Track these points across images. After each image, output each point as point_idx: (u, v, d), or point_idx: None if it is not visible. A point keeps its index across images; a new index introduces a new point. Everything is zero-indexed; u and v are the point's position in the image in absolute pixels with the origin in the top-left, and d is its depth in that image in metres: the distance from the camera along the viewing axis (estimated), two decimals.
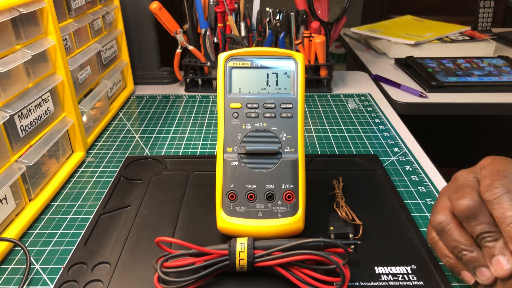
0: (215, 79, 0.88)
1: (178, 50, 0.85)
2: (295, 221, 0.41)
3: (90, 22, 0.68)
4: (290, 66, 0.43)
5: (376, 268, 0.40)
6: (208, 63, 0.84)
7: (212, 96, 0.85)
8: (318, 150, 0.63)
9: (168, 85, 0.92)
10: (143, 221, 0.47)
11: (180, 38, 0.83)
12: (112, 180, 0.55)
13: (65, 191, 0.54)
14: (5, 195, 0.44)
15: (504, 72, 0.94)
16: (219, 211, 0.42)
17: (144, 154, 0.62)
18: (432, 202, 0.50)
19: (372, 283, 0.38)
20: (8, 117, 0.45)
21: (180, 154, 0.63)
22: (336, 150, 0.63)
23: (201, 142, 0.66)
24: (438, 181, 0.55)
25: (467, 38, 1.12)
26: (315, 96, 0.84)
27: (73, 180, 0.56)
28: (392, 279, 0.39)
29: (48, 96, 0.54)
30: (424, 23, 1.26)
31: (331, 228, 0.44)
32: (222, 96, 0.43)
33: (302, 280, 0.36)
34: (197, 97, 0.84)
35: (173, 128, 0.71)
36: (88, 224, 0.47)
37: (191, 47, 0.84)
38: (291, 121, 0.42)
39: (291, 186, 0.41)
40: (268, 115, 0.42)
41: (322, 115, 0.75)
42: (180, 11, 0.84)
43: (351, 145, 0.64)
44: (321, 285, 0.36)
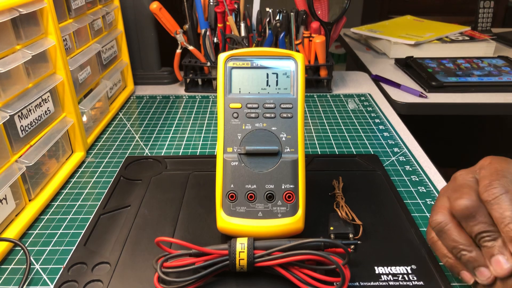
0: (215, 79, 0.88)
1: (178, 50, 0.85)
2: (295, 221, 0.41)
3: (90, 22, 0.68)
4: (290, 66, 0.43)
5: (376, 268, 0.40)
6: (208, 63, 0.84)
7: (212, 96, 0.85)
8: (318, 150, 0.63)
9: (168, 85, 0.92)
10: (143, 221, 0.47)
11: (180, 38, 0.83)
12: (112, 180, 0.55)
13: (65, 191, 0.54)
14: (5, 195, 0.44)
15: (504, 72, 0.94)
16: (219, 211, 0.42)
17: (144, 154, 0.63)
18: (432, 202, 0.50)
19: (372, 283, 0.38)
20: (8, 117, 0.45)
21: (180, 154, 0.63)
22: (336, 150, 0.63)
23: (201, 142, 0.66)
24: (438, 181, 0.55)
25: (467, 38, 1.12)
26: (315, 96, 0.84)
27: (73, 180, 0.56)
28: (392, 279, 0.39)
29: (48, 96, 0.54)
30: (424, 23, 1.26)
31: (331, 228, 0.44)
32: (222, 96, 0.43)
33: (302, 280, 0.36)
34: (197, 97, 0.84)
35: (173, 128, 0.71)
36: (88, 224, 0.47)
37: (191, 47, 0.84)
38: (291, 121, 0.42)
39: (291, 186, 0.41)
40: (268, 115, 0.42)
41: (322, 115, 0.75)
42: (180, 11, 0.84)
43: (351, 145, 0.64)
44: (321, 285, 0.36)
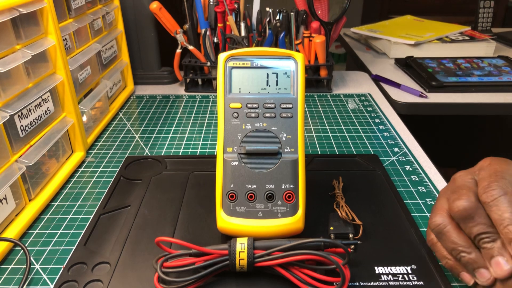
0: (215, 79, 0.88)
1: (178, 50, 0.85)
2: (295, 221, 0.41)
3: (90, 22, 0.68)
4: (290, 66, 0.43)
5: (376, 268, 0.40)
6: (208, 63, 0.84)
7: (212, 96, 0.85)
8: (318, 150, 0.63)
9: (168, 85, 0.92)
10: (143, 221, 0.47)
11: (180, 38, 0.83)
12: (112, 180, 0.55)
13: (65, 191, 0.54)
14: (5, 195, 0.44)
15: (504, 72, 0.94)
16: (219, 211, 0.42)
17: (144, 154, 0.62)
18: (432, 202, 0.50)
19: (372, 283, 0.38)
20: (8, 117, 0.45)
21: (180, 154, 0.63)
22: (336, 150, 0.63)
23: (201, 142, 0.66)
24: (438, 181, 0.55)
25: (467, 38, 1.12)
26: (315, 96, 0.84)
27: (73, 180, 0.56)
28: (392, 279, 0.39)
29: (48, 96, 0.54)
30: (424, 23, 1.26)
31: (331, 228, 0.44)
32: (222, 96, 0.43)
33: (302, 280, 0.36)
34: (197, 97, 0.84)
35: (173, 128, 0.71)
36: (88, 224, 0.47)
37: (191, 47, 0.84)
38: (291, 121, 0.42)
39: (291, 186, 0.41)
40: (268, 115, 0.42)
41: (322, 115, 0.75)
42: (180, 11, 0.84)
43: (351, 145, 0.64)
44: (321, 285, 0.36)
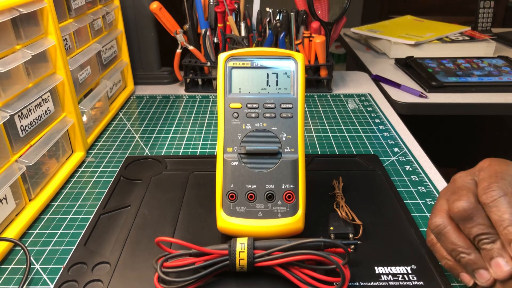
0: (215, 79, 0.88)
1: (178, 50, 0.85)
2: (295, 221, 0.41)
3: (90, 22, 0.68)
4: (290, 66, 0.43)
5: (376, 268, 0.40)
6: (208, 63, 0.84)
7: (212, 96, 0.85)
8: (318, 150, 0.63)
9: (168, 85, 0.92)
10: (143, 221, 0.47)
11: (180, 38, 0.83)
12: (112, 180, 0.55)
13: (65, 191, 0.54)
14: (5, 195, 0.44)
15: (504, 72, 0.94)
16: (219, 211, 0.42)
17: (144, 154, 0.63)
18: (432, 202, 0.50)
19: (372, 283, 0.38)
20: (8, 117, 0.45)
21: (180, 154, 0.63)
22: (336, 150, 0.63)
23: (201, 142, 0.66)
24: (438, 181, 0.55)
25: (467, 38, 1.12)
26: (315, 96, 0.84)
27: (73, 180, 0.56)
28: (392, 279, 0.39)
29: (48, 96, 0.54)
30: (424, 23, 1.26)
31: (331, 228, 0.44)
32: (222, 96, 0.43)
33: (302, 280, 0.36)
34: (197, 97, 0.84)
35: (173, 128, 0.71)
36: (88, 224, 0.47)
37: (191, 47, 0.84)
38: (291, 121, 0.42)
39: (291, 186, 0.41)
40: (268, 115, 0.42)
41: (322, 115, 0.75)
42: (180, 11, 0.84)
43: (351, 145, 0.64)
44: (321, 285, 0.36)
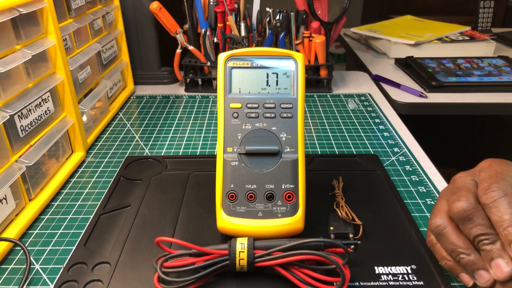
0: (215, 79, 0.88)
1: (178, 50, 0.85)
2: (295, 221, 0.41)
3: (90, 22, 0.68)
4: (290, 66, 0.43)
5: (376, 268, 0.40)
6: (208, 63, 0.84)
7: (212, 96, 0.85)
8: (318, 150, 0.63)
9: (168, 85, 0.92)
10: (143, 221, 0.47)
11: (180, 38, 0.83)
12: (112, 180, 0.55)
13: (65, 191, 0.54)
14: (5, 195, 0.44)
15: (504, 72, 0.94)
16: (219, 211, 0.42)
17: (144, 154, 0.62)
18: (432, 202, 0.50)
19: (372, 283, 0.38)
20: (8, 117, 0.45)
21: (180, 154, 0.63)
22: (336, 150, 0.63)
23: (201, 142, 0.66)
24: (438, 181, 0.55)
25: (467, 38, 1.12)
26: (315, 96, 0.84)
27: (73, 180, 0.56)
28: (392, 279, 0.39)
29: (48, 96, 0.54)
30: (424, 23, 1.26)
31: (331, 228, 0.44)
32: (222, 96, 0.43)
33: (302, 280, 0.36)
34: (197, 97, 0.84)
35: (173, 128, 0.71)
36: (88, 224, 0.47)
37: (191, 47, 0.84)
38: (291, 121, 0.42)
39: (291, 186, 0.41)
40: (268, 115, 0.42)
41: (322, 115, 0.75)
42: (180, 11, 0.84)
43: (351, 145, 0.64)
44: (321, 285, 0.36)
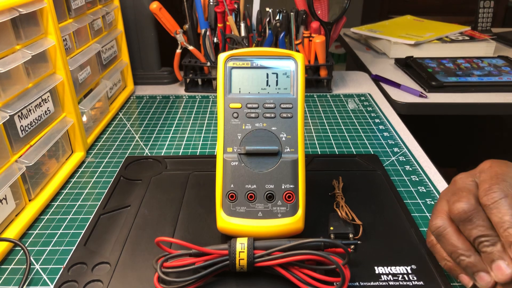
0: (215, 79, 0.88)
1: (178, 50, 0.85)
2: (295, 221, 0.41)
3: (90, 22, 0.68)
4: (290, 66, 0.43)
5: (376, 268, 0.40)
6: (208, 63, 0.84)
7: (212, 96, 0.85)
8: (318, 150, 0.63)
9: (168, 85, 0.92)
10: (143, 221, 0.47)
11: (180, 38, 0.83)
12: (112, 180, 0.55)
13: (65, 191, 0.54)
14: (5, 195, 0.44)
15: (504, 72, 0.94)
16: (219, 211, 0.42)
17: (144, 154, 0.63)
18: (432, 202, 0.50)
19: (372, 283, 0.38)
20: (8, 117, 0.45)
21: (180, 154, 0.63)
22: (336, 150, 0.63)
23: (201, 142, 0.66)
24: (438, 181, 0.55)
25: (467, 38, 1.12)
26: (315, 96, 0.84)
27: (73, 180, 0.56)
28: (392, 279, 0.39)
29: (48, 96, 0.54)
30: (424, 23, 1.26)
31: (331, 228, 0.44)
32: (222, 96, 0.43)
33: (302, 280, 0.36)
34: (197, 97, 0.84)
35: (173, 128, 0.71)
36: (88, 224, 0.47)
37: (191, 47, 0.84)
38: (291, 121, 0.42)
39: (291, 186, 0.41)
40: (268, 115, 0.42)
41: (322, 115, 0.75)
42: (180, 11, 0.84)
43: (351, 145, 0.64)
44: (321, 285, 0.36)
